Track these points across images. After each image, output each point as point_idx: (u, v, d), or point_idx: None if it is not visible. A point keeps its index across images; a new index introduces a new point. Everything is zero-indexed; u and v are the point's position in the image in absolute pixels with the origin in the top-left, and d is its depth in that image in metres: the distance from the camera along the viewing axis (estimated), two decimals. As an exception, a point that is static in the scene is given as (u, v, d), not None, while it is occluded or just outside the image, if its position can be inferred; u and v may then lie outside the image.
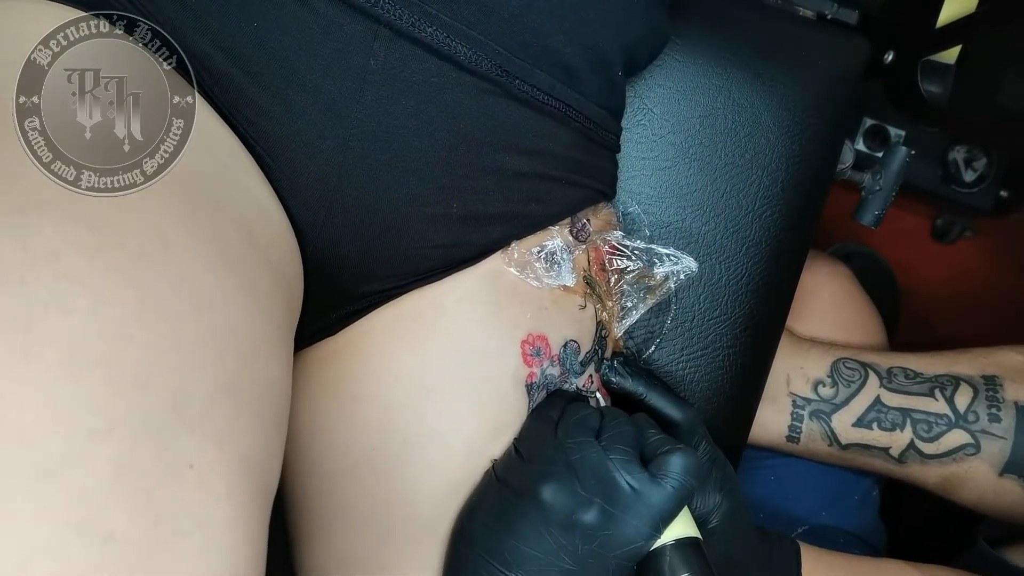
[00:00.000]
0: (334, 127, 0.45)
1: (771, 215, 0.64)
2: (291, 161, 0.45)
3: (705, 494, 0.49)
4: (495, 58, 0.46)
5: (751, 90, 0.63)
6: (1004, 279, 1.18)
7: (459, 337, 0.49)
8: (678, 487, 0.42)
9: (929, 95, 0.83)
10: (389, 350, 0.50)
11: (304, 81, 0.44)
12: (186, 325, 0.35)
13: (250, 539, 0.35)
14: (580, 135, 0.52)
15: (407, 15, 0.44)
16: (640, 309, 0.58)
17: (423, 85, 0.45)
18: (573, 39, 0.48)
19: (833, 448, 0.74)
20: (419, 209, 0.48)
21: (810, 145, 0.64)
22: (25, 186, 0.35)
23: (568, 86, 0.49)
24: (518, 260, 0.51)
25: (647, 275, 0.58)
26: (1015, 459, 0.68)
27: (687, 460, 0.43)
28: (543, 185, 0.51)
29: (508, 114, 0.48)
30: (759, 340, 0.66)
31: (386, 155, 0.46)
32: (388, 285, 0.50)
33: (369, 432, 0.49)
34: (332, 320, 0.51)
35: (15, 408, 0.29)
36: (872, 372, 0.73)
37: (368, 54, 0.44)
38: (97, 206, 0.36)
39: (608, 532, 0.42)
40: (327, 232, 0.47)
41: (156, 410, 0.32)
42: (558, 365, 0.51)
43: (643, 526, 0.42)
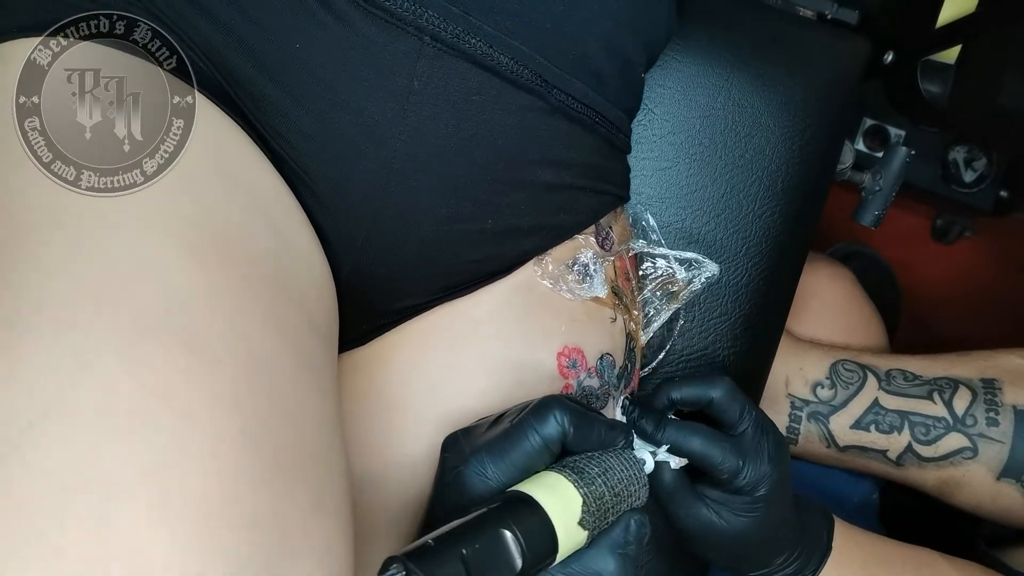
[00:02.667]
0: (377, 149, 0.44)
1: (771, 215, 0.64)
2: (332, 183, 0.45)
3: (757, 463, 0.49)
4: (536, 68, 0.46)
5: (751, 90, 0.63)
6: (1004, 279, 1.18)
7: (493, 348, 0.49)
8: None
9: (929, 95, 0.83)
10: (422, 361, 0.50)
11: (347, 103, 0.44)
12: (282, 446, 0.35)
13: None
14: (603, 141, 0.52)
15: (451, 26, 0.43)
16: (663, 316, 0.58)
17: (464, 103, 0.45)
18: (606, 45, 0.49)
19: (831, 450, 0.74)
20: (456, 226, 0.47)
21: (810, 145, 0.64)
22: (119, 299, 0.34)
23: (598, 92, 0.49)
24: (551, 273, 0.51)
25: (669, 281, 0.58)
26: (1013, 463, 0.68)
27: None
28: (571, 195, 0.51)
29: (543, 127, 0.48)
30: (759, 340, 0.66)
31: (427, 176, 0.46)
32: (420, 300, 0.50)
33: (404, 440, 0.49)
34: (362, 332, 0.51)
35: (161, 567, 0.29)
36: (871, 374, 0.73)
37: (411, 75, 0.44)
38: (189, 314, 0.35)
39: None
40: (366, 253, 0.47)
41: (272, 546, 0.32)
42: (596, 377, 0.51)
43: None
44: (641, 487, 0.43)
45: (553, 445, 0.41)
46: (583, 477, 0.40)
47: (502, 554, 0.37)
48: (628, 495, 0.42)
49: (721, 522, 0.50)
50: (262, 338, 0.37)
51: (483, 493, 0.40)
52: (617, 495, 0.41)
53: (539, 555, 0.38)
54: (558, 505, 0.39)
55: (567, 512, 0.39)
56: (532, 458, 0.40)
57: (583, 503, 0.39)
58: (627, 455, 0.43)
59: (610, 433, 0.43)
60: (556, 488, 0.39)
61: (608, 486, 0.41)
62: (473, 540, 0.36)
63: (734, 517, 0.50)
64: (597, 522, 0.40)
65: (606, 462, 0.42)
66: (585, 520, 0.39)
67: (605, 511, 0.40)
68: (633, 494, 0.42)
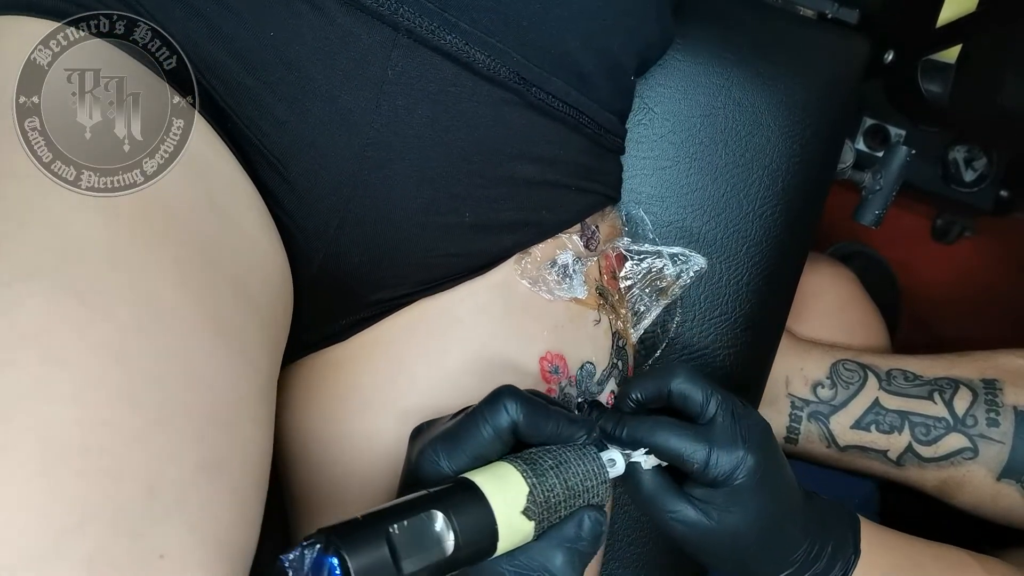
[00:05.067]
0: (350, 137, 0.45)
1: (771, 214, 0.64)
2: (305, 171, 0.45)
3: (729, 450, 0.44)
4: (512, 65, 0.46)
5: (751, 90, 0.63)
6: (1004, 279, 1.18)
7: (476, 348, 0.49)
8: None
9: (929, 95, 0.83)
10: (403, 359, 0.50)
11: (321, 91, 0.44)
12: (171, 403, 0.35)
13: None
14: (590, 141, 0.52)
15: (427, 22, 0.43)
16: (654, 311, 0.58)
17: (440, 94, 0.45)
18: (589, 44, 0.48)
19: (831, 450, 0.74)
20: (432, 218, 0.47)
21: (810, 145, 0.64)
22: (13, 249, 0.35)
23: (581, 92, 0.49)
24: (530, 273, 0.51)
25: (658, 277, 0.58)
26: (1013, 464, 0.68)
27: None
28: (554, 193, 0.51)
29: (523, 122, 0.48)
30: (759, 340, 0.66)
31: (401, 165, 0.46)
32: (398, 293, 0.50)
33: (385, 439, 0.49)
34: (341, 327, 0.51)
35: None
36: (871, 374, 0.73)
37: (386, 64, 0.44)
38: (91, 268, 0.35)
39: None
40: (339, 241, 0.47)
41: (130, 500, 0.32)
42: (575, 387, 0.51)
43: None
44: (600, 483, 0.41)
45: (504, 434, 0.40)
46: (534, 468, 0.39)
47: (431, 535, 0.36)
48: (584, 490, 0.41)
49: (710, 521, 0.46)
50: (172, 298, 0.37)
51: (436, 481, 0.39)
52: (570, 489, 0.40)
53: (475, 541, 0.37)
54: (502, 493, 0.38)
55: (511, 501, 0.38)
56: (484, 447, 0.40)
57: (529, 493, 0.38)
58: (588, 451, 0.42)
59: (569, 427, 0.41)
60: (504, 477, 0.39)
61: (561, 479, 0.40)
62: (402, 519, 0.35)
63: (721, 513, 0.45)
64: (546, 514, 0.39)
65: (563, 456, 0.41)
66: (530, 511, 0.38)
67: (556, 504, 0.39)
68: (590, 489, 0.41)
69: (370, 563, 0.34)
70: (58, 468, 0.31)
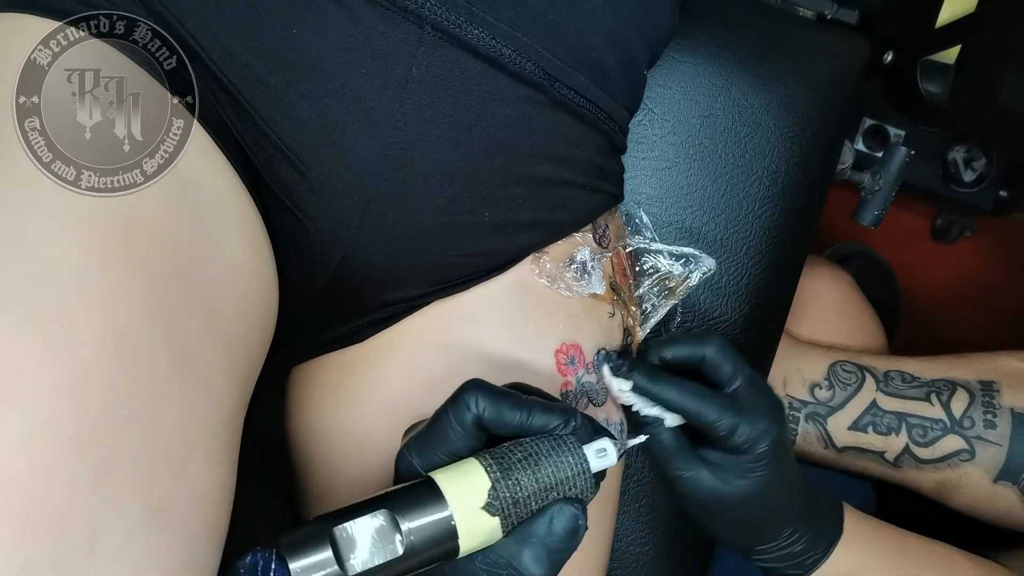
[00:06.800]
0: (372, 137, 0.44)
1: (771, 215, 0.64)
2: (326, 170, 0.45)
3: (754, 420, 0.47)
4: (538, 60, 0.46)
5: (751, 90, 0.63)
6: (1004, 279, 1.18)
7: (491, 346, 0.49)
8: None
9: (929, 95, 0.83)
10: (421, 359, 0.50)
11: (343, 90, 0.43)
12: (121, 447, 0.34)
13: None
14: (604, 139, 0.52)
15: (454, 16, 0.43)
16: (661, 311, 0.58)
17: (464, 93, 0.45)
18: (610, 39, 0.48)
19: (829, 451, 0.74)
20: (452, 218, 0.47)
21: (810, 145, 0.64)
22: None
23: (601, 88, 0.49)
24: (549, 271, 0.51)
25: (667, 276, 0.58)
26: (1010, 466, 0.69)
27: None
28: (570, 192, 0.51)
29: (543, 121, 0.48)
30: (758, 340, 0.66)
31: (424, 164, 0.45)
32: (415, 293, 0.49)
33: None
34: (357, 327, 0.51)
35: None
36: (869, 375, 0.73)
37: (411, 63, 0.44)
38: (59, 298, 0.34)
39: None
40: (358, 241, 0.47)
41: (70, 551, 0.31)
42: (594, 372, 0.51)
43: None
44: (578, 474, 0.39)
45: (470, 430, 0.39)
46: (501, 462, 0.38)
47: (382, 535, 0.36)
48: (558, 483, 0.39)
49: (725, 486, 0.48)
50: (139, 332, 0.36)
51: (409, 480, 0.39)
52: (541, 481, 0.38)
53: (431, 539, 0.36)
54: (462, 489, 0.37)
55: (471, 497, 0.37)
56: (451, 444, 0.39)
57: (491, 488, 0.37)
58: (565, 441, 0.40)
59: (543, 417, 0.40)
60: (468, 473, 0.38)
61: (530, 472, 0.38)
62: (348, 520, 0.35)
63: (737, 479, 0.48)
64: (512, 509, 0.38)
65: (534, 447, 0.39)
66: (492, 506, 0.37)
67: (524, 499, 0.38)
68: (565, 481, 0.39)
69: (311, 563, 0.34)
70: (3, 520, 0.30)
